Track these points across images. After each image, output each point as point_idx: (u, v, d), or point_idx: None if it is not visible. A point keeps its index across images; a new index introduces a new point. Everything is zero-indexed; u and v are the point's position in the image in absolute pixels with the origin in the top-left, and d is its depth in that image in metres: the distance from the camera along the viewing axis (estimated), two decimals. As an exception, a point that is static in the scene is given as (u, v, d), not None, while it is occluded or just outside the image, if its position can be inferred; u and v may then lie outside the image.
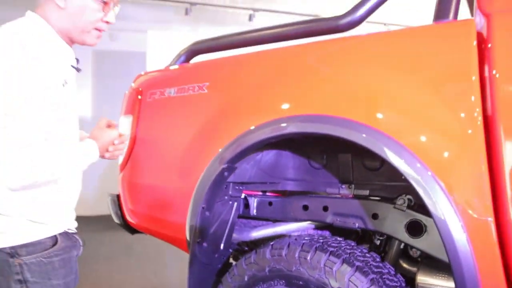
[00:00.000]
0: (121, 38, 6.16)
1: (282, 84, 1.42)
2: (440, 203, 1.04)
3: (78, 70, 1.36)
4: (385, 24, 6.55)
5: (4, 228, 1.17)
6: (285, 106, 1.38)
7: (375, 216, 1.43)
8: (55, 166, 1.16)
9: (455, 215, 1.03)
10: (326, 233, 1.83)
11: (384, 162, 1.43)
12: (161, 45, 5.51)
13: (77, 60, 1.36)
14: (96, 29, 1.31)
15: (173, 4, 6.08)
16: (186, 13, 5.72)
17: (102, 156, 1.40)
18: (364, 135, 1.15)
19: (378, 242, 1.57)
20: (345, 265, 1.16)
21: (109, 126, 1.43)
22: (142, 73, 1.93)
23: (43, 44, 1.21)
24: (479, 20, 1.15)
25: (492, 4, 1.12)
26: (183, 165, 1.63)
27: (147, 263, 4.05)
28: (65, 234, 1.28)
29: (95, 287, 3.42)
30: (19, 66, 1.11)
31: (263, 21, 6.58)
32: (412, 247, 1.41)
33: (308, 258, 1.20)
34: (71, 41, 1.32)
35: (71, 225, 1.33)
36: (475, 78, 1.05)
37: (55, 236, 1.24)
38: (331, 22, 1.56)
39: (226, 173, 1.47)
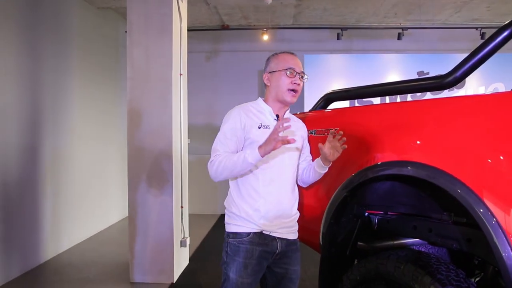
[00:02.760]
0: (283, 59, 6.95)
1: (396, 134, 1.79)
2: (500, 243, 1.37)
3: (277, 119, 2.01)
4: None
5: (229, 221, 1.96)
6: (398, 152, 1.76)
7: (469, 241, 1.74)
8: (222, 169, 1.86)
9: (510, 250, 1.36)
10: (443, 250, 2.18)
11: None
12: (317, 65, 6.05)
13: (277, 116, 2.02)
14: (290, 89, 1.97)
15: (327, 28, 6.63)
16: (338, 37, 6.18)
17: (269, 149, 1.78)
18: (458, 190, 1.48)
19: (476, 262, 1.88)
20: (427, 276, 1.56)
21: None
22: (298, 113, 2.49)
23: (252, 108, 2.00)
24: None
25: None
26: (319, 189, 2.15)
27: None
28: (260, 233, 1.92)
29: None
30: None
31: (412, 37, 6.67)
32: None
33: (401, 267, 1.64)
34: (280, 102, 2.01)
35: (268, 229, 1.93)
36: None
37: (250, 233, 1.90)
38: (437, 80, 1.93)
39: (348, 198, 1.96)
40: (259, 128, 1.94)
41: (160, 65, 3.71)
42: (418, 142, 1.73)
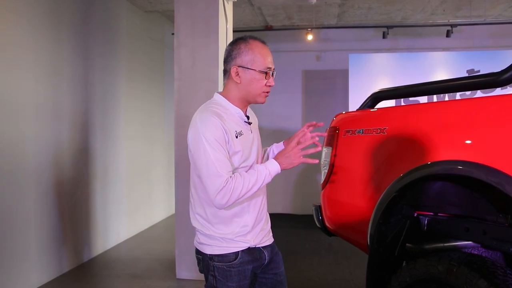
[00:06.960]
0: (326, 58, 6.89)
1: (448, 133, 1.74)
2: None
3: (249, 123, 1.80)
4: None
5: (209, 243, 1.73)
6: (450, 151, 1.71)
7: (527, 244, 1.67)
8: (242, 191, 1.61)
9: None
10: (497, 254, 2.10)
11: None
12: (361, 65, 5.95)
13: (248, 117, 1.80)
14: (263, 92, 1.77)
15: (372, 26, 6.52)
16: (384, 36, 6.06)
17: (292, 164, 1.71)
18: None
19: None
20: (483, 280, 1.50)
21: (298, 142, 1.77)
22: (343, 112, 2.41)
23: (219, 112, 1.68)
24: None
25: None
26: (367, 188, 2.11)
27: (344, 260, 4.54)
28: (248, 250, 1.73)
29: (299, 275, 4.13)
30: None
31: (461, 34, 6.43)
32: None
33: (454, 270, 1.59)
34: (248, 103, 1.79)
35: (255, 242, 1.75)
36: None
37: (238, 252, 1.71)
38: (492, 77, 1.86)
39: (397, 198, 1.93)
40: (237, 137, 1.68)
41: (207, 65, 3.78)
42: (471, 141, 1.68)
